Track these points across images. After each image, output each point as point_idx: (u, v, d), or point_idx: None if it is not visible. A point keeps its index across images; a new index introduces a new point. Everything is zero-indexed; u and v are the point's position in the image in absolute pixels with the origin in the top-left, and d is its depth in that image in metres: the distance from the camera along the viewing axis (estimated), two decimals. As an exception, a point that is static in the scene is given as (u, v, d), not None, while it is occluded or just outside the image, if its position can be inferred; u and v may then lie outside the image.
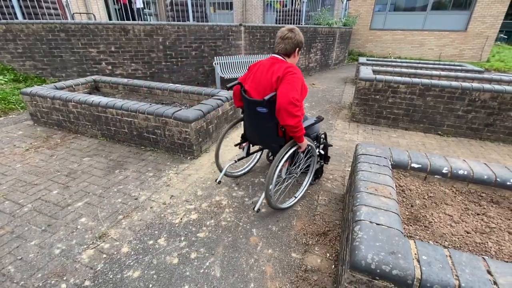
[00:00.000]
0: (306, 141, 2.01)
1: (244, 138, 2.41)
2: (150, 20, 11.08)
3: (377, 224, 1.26)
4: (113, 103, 3.17)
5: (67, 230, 1.96)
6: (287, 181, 2.40)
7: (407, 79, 3.92)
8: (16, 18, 5.65)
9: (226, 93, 3.66)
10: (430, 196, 1.77)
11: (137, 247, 1.82)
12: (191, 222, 2.06)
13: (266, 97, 1.80)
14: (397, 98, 4.04)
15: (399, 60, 7.45)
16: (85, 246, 1.81)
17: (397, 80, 3.93)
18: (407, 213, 1.62)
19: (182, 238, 1.90)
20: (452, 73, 4.65)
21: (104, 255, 1.75)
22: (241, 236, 1.93)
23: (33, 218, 2.09)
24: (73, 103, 3.45)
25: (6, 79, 5.27)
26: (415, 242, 1.17)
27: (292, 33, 1.91)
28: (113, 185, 2.52)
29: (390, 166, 1.85)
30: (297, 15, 9.02)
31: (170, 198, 2.34)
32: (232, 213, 2.17)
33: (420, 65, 6.53)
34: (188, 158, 3.03)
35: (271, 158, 2.89)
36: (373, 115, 4.29)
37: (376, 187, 1.56)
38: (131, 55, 6.03)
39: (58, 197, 2.34)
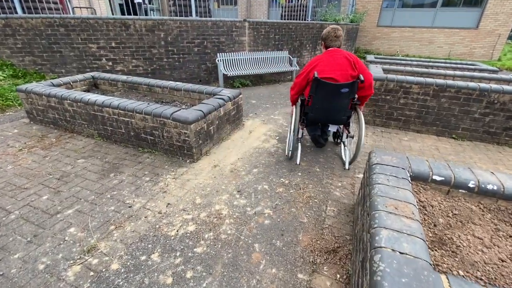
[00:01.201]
0: None
1: (309, 122, 2.85)
2: (153, 15, 10.90)
3: (401, 253, 1.08)
4: (109, 102, 3.00)
5: (54, 241, 1.81)
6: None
7: (420, 79, 3.70)
8: (16, 12, 5.50)
9: (228, 92, 3.48)
10: (455, 214, 1.58)
11: (128, 263, 1.66)
12: (188, 234, 1.89)
13: (360, 79, 2.39)
14: (409, 99, 3.82)
15: (408, 58, 7.20)
16: (71, 262, 1.66)
17: (410, 80, 3.71)
18: (431, 234, 1.43)
19: (178, 254, 1.73)
20: (468, 73, 4.41)
21: (92, 273, 1.59)
22: (242, 252, 1.76)
23: (19, 227, 1.94)
24: (68, 101, 3.29)
25: (5, 75, 5.14)
26: (447, 278, 0.99)
27: (340, 31, 2.55)
28: (106, 191, 2.36)
29: (409, 178, 1.66)
30: (303, 10, 8.77)
31: (167, 206, 2.17)
32: (232, 224, 2.00)
33: (431, 63, 6.27)
34: (188, 161, 2.86)
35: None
36: (383, 117, 4.07)
37: (396, 205, 1.38)
38: (132, 51, 5.86)
39: (47, 203, 2.19)
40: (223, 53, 6.32)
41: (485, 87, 3.43)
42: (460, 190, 1.68)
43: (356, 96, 2.57)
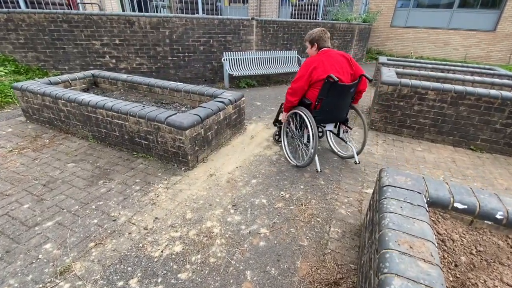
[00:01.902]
0: None
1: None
2: (164, 12, 10.77)
3: (418, 314, 0.86)
4: (103, 103, 2.85)
5: (26, 259, 1.65)
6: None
7: (437, 84, 3.42)
8: (19, 7, 5.43)
9: (229, 95, 3.28)
10: (479, 251, 1.34)
11: (103, 289, 1.49)
12: (173, 256, 1.71)
13: (369, 78, 2.61)
14: (424, 106, 3.55)
15: (422, 61, 6.84)
16: (41, 286, 1.49)
17: (426, 85, 3.43)
18: (451, 278, 1.21)
19: (159, 280, 1.55)
20: (488, 79, 4.09)
21: (61, 300, 1.43)
22: (231, 281, 1.56)
23: (-6, 239, 1.79)
24: (62, 101, 3.16)
25: (6, 71, 5.07)
26: None
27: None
28: (92, 200, 2.20)
29: (426, 206, 1.43)
30: (314, 9, 8.49)
31: (154, 221, 1.99)
32: (224, 246, 1.80)
33: (447, 67, 5.92)
34: (182, 169, 2.68)
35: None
36: (395, 124, 3.81)
37: (411, 243, 1.15)
38: (136, 48, 5.73)
39: (27, 213, 2.04)
40: (229, 52, 6.13)
41: (508, 95, 3.13)
42: (485, 221, 1.44)
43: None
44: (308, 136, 2.73)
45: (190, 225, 1.96)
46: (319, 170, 2.74)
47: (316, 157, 2.74)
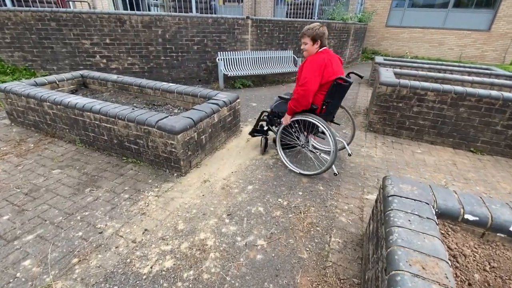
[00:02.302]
0: None
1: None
2: (157, 11, 10.57)
3: None
4: (90, 106, 2.70)
5: (2, 279, 1.51)
6: None
7: (436, 85, 3.34)
8: (4, 4, 5.22)
9: (224, 97, 3.16)
10: (493, 267, 1.25)
11: (86, 312, 1.36)
12: (163, 272, 1.58)
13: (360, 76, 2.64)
14: (423, 107, 3.47)
15: (419, 61, 6.80)
16: (16, 310, 1.36)
17: (425, 86, 3.35)
18: (466, 300, 1.11)
19: (148, 301, 1.42)
20: (487, 80, 4.03)
21: (38, 326, 1.29)
22: (226, 300, 1.44)
23: (-32, 255, 1.65)
24: (48, 104, 3.00)
25: (-9, 71, 4.87)
26: None
27: None
28: (77, 211, 2.06)
29: (436, 218, 1.33)
30: (309, 8, 8.39)
31: (143, 233, 1.86)
32: (218, 260, 1.68)
33: (444, 67, 5.87)
34: (174, 175, 2.55)
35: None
36: (394, 125, 3.72)
37: (423, 263, 1.05)
38: (128, 48, 5.56)
39: (7, 225, 1.90)
40: (224, 52, 6.00)
41: (510, 96, 3.06)
42: (498, 234, 1.35)
43: None
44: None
45: (182, 237, 1.84)
46: (337, 173, 2.66)
47: None
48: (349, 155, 2.96)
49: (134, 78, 3.87)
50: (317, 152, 2.71)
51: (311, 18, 8.47)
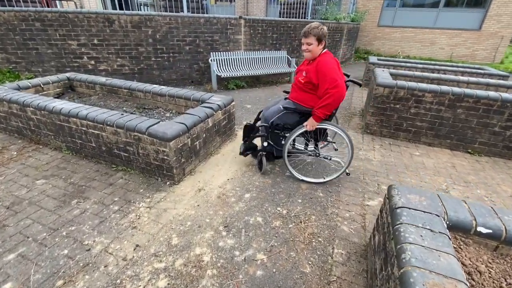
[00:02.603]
0: None
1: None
2: (147, 11, 10.32)
3: None
4: (76, 112, 2.55)
5: (-24, 307, 1.37)
6: None
7: (434, 86, 3.30)
8: (-14, 4, 4.98)
9: (218, 100, 3.04)
10: (510, 284, 1.17)
11: None
12: (157, 294, 1.47)
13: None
14: (421, 108, 3.42)
15: (412, 60, 6.80)
16: None
17: (423, 87, 3.31)
18: (487, 324, 1.03)
19: (140, 328, 1.30)
20: (482, 80, 4.02)
21: None
22: (225, 324, 1.34)
23: None
24: (31, 109, 2.83)
25: (-28, 74, 4.63)
26: None
27: None
28: (63, 225, 1.91)
29: (448, 231, 1.25)
30: (302, 8, 8.32)
31: (134, 249, 1.74)
32: (216, 278, 1.57)
33: (437, 67, 5.88)
34: (167, 183, 2.42)
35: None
36: (391, 127, 3.67)
37: (441, 285, 0.96)
38: (117, 49, 5.38)
39: (-16, 244, 1.74)
40: (216, 53, 5.87)
41: (508, 97, 3.04)
42: (512, 247, 1.28)
43: None
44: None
45: (177, 253, 1.72)
46: (349, 173, 2.70)
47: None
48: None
49: (124, 81, 3.71)
50: (328, 157, 2.62)
51: (304, 18, 8.41)
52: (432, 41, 11.68)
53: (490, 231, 1.29)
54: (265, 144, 2.54)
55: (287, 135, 2.49)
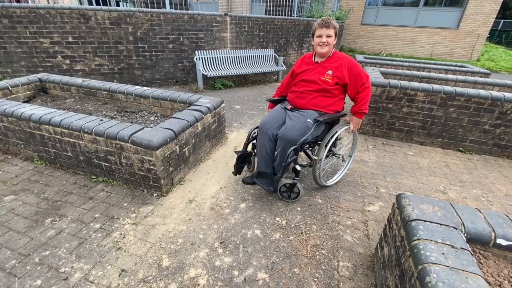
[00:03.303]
0: None
1: None
2: (127, 7, 9.82)
3: None
4: (48, 118, 2.28)
5: None
6: None
7: (426, 85, 3.27)
8: None
9: (207, 102, 2.86)
10: (537, 301, 1.10)
11: None
12: (147, 329, 1.28)
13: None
14: (413, 107, 3.39)
15: (398, 59, 6.88)
16: None
17: (415, 86, 3.27)
18: None
19: None
20: (470, 78, 4.07)
21: None
22: None
23: None
24: (-4, 115, 2.52)
25: None
26: None
27: None
28: (36, 250, 1.68)
29: (469, 247, 1.15)
30: (288, 5, 8.21)
31: (120, 275, 1.54)
32: (214, 304, 1.41)
33: (422, 65, 5.95)
34: (154, 195, 2.22)
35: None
36: (384, 127, 3.63)
37: (478, 316, 0.86)
38: (94, 47, 5.03)
39: None
40: (202, 51, 5.64)
41: (498, 95, 3.06)
42: (533, 259, 1.21)
43: None
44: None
45: (168, 277, 1.54)
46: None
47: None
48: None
49: (103, 82, 3.43)
50: (339, 155, 2.55)
51: (290, 16, 8.31)
52: (413, 40, 11.96)
53: (511, 243, 1.21)
54: (298, 168, 2.10)
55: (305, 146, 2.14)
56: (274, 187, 2.09)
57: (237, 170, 2.33)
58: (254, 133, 2.35)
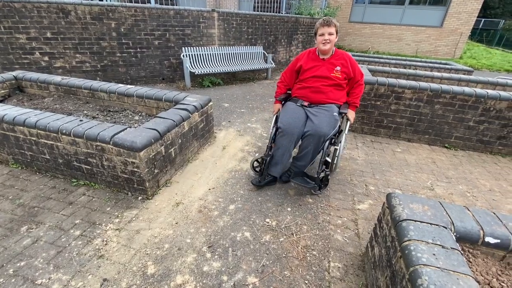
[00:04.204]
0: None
1: None
2: (109, 1, 9.48)
3: None
4: (22, 119, 2.15)
5: None
6: None
7: (413, 83, 3.30)
8: None
9: (194, 100, 2.77)
10: (525, 298, 1.10)
11: None
12: None
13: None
14: (401, 105, 3.42)
15: (385, 56, 6.96)
16: None
17: (403, 84, 3.30)
18: None
19: None
20: (455, 75, 4.15)
21: None
22: None
23: None
24: (-35, 116, 2.35)
25: None
26: None
27: None
28: (10, 261, 1.57)
29: (458, 246, 1.15)
30: (277, 2, 8.15)
31: (102, 285, 1.46)
32: (202, 312, 1.35)
33: (408, 63, 6.05)
34: (139, 198, 2.13)
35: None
36: (372, 124, 3.65)
37: (471, 320, 0.84)
38: (75, 43, 4.82)
39: None
40: (189, 48, 5.50)
41: (481, 93, 3.12)
42: (520, 256, 1.22)
43: None
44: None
45: (154, 285, 1.47)
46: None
47: None
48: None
49: (84, 80, 3.28)
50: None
51: (278, 13, 8.26)
52: (399, 37, 12.16)
53: (498, 240, 1.21)
54: (328, 159, 2.26)
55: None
56: (313, 183, 2.20)
57: (262, 172, 2.33)
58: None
